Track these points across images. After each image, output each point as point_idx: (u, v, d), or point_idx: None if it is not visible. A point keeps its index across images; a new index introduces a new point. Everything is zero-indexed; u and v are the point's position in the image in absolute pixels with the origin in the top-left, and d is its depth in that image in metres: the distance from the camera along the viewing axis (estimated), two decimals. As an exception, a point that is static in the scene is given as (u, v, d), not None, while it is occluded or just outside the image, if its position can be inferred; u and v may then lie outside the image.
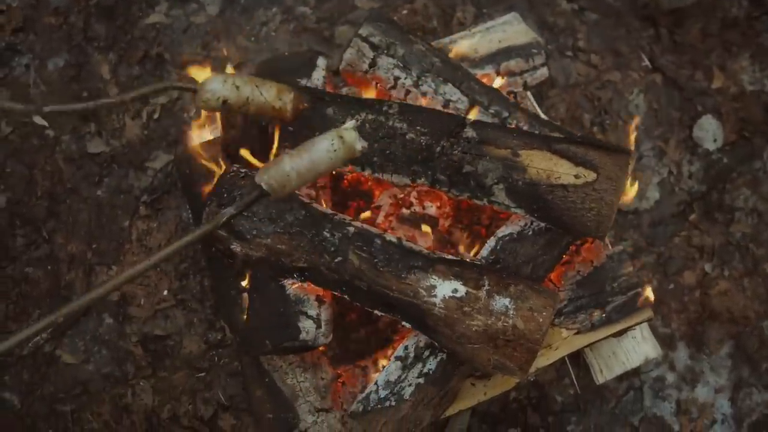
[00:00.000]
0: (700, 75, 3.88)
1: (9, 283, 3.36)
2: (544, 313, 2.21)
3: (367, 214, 2.86)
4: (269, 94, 2.27)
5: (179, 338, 3.29)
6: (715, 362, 3.41)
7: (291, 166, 1.93)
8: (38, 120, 2.49)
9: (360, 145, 1.99)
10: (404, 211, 2.82)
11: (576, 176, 2.30)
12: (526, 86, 3.17)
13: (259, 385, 2.73)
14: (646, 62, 3.89)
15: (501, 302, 2.22)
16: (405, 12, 3.85)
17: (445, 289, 2.26)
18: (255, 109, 2.26)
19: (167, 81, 2.34)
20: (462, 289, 2.25)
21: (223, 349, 3.31)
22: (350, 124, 1.99)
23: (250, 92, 2.23)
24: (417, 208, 2.81)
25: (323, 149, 1.95)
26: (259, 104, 2.26)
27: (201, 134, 3.11)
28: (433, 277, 2.29)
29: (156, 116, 3.62)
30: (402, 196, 2.84)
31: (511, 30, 3.24)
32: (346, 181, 3.00)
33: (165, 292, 3.36)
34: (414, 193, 2.83)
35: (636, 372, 3.34)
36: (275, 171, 1.92)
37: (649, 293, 2.82)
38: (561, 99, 3.74)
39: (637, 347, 3.01)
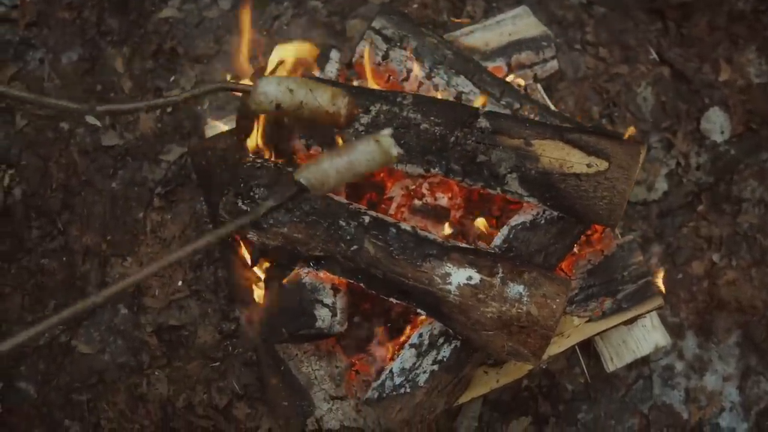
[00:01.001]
0: (707, 68, 3.90)
1: (25, 274, 3.40)
2: (558, 300, 2.23)
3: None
4: (323, 99, 2.20)
5: (194, 328, 3.32)
6: (723, 351, 3.43)
7: (331, 165, 1.96)
8: (91, 119, 2.51)
9: (396, 151, 2.02)
10: (416, 202, 2.84)
11: (588, 165, 2.32)
12: (536, 78, 3.20)
13: (274, 374, 2.75)
14: (654, 55, 3.91)
15: (515, 289, 2.25)
16: (415, 6, 3.89)
17: (459, 276, 2.29)
18: (308, 113, 2.22)
19: (221, 81, 2.31)
20: (476, 277, 2.28)
21: (237, 339, 3.34)
22: (387, 131, 2.01)
23: (304, 96, 2.18)
24: (429, 199, 2.83)
25: (362, 152, 1.98)
26: (313, 108, 2.21)
27: (215, 124, 3.15)
28: (448, 264, 2.31)
29: (169, 109, 3.66)
30: (414, 187, 2.86)
31: (521, 23, 3.27)
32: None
33: (179, 283, 3.39)
34: (426, 185, 2.85)
35: (645, 360, 3.35)
36: (315, 170, 1.95)
37: (659, 281, 2.84)
38: (570, 92, 3.77)
39: (647, 335, 3.03)
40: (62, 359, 3.30)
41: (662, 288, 2.83)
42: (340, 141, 2.53)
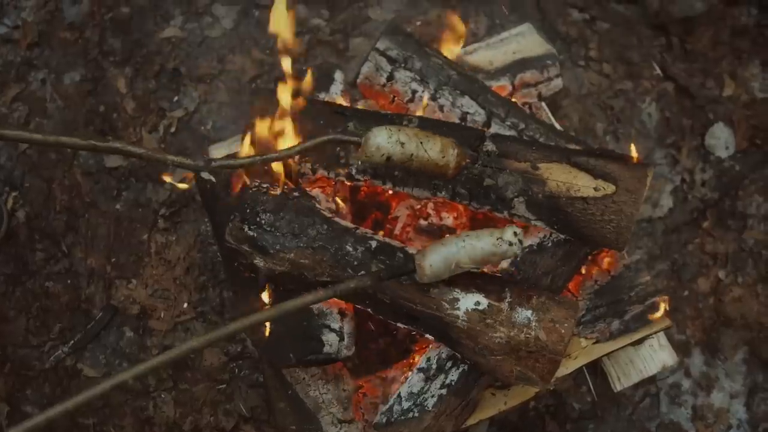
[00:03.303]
0: (711, 83, 3.90)
1: (29, 297, 3.41)
2: (566, 324, 2.23)
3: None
4: (433, 151, 2.19)
5: (199, 351, 3.31)
6: (729, 368, 3.44)
7: (450, 254, 2.03)
8: (206, 175, 2.53)
9: (517, 250, 2.07)
10: (421, 222, 2.85)
11: (595, 189, 2.32)
12: (540, 97, 3.20)
13: (282, 397, 2.75)
14: (658, 71, 3.92)
15: (523, 314, 2.25)
16: (419, 23, 3.89)
17: (467, 301, 2.28)
18: (417, 165, 2.21)
19: (332, 133, 2.30)
20: (484, 302, 2.28)
21: (243, 361, 3.34)
22: (511, 230, 2.07)
23: (414, 149, 2.17)
24: (434, 219, 2.84)
25: (485, 246, 2.04)
26: (423, 161, 2.20)
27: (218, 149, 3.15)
28: (456, 290, 2.31)
29: (173, 130, 3.67)
30: (419, 207, 2.87)
31: (525, 41, 3.27)
32: (363, 193, 3.02)
33: (185, 305, 3.40)
34: (431, 204, 2.86)
35: (652, 379, 3.36)
36: (437, 258, 2.07)
37: (663, 306, 2.85)
38: (574, 108, 3.77)
39: (654, 355, 3.03)
40: (68, 382, 3.31)
41: (665, 313, 2.85)
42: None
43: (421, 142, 2.19)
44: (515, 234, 2.10)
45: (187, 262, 3.46)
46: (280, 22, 2.47)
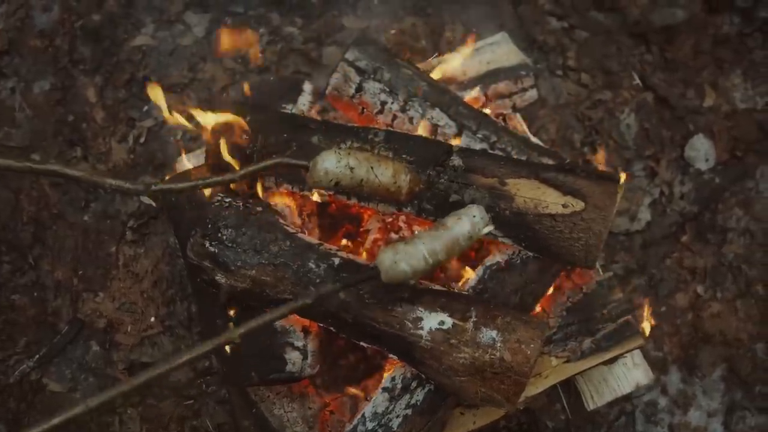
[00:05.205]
0: (691, 93, 3.87)
1: (-6, 310, 3.37)
2: (532, 345, 2.19)
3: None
4: (385, 177, 2.18)
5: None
6: (707, 385, 3.41)
7: (425, 248, 2.00)
8: (145, 200, 2.53)
9: (488, 229, 2.04)
10: (392, 235, 2.81)
11: (564, 205, 2.29)
12: (515, 108, 3.16)
13: (246, 416, 2.72)
14: (637, 81, 3.88)
15: (488, 334, 2.20)
16: (393, 32, 3.85)
17: (431, 321, 2.25)
18: (368, 190, 2.19)
19: (278, 157, 2.27)
20: (449, 321, 2.24)
21: (210, 377, 3.31)
22: (477, 208, 2.04)
23: (365, 174, 2.15)
24: (405, 233, 2.80)
25: (458, 233, 2.01)
26: (374, 187, 2.18)
27: (186, 161, 3.11)
28: (420, 308, 2.27)
29: (142, 140, 3.63)
30: (391, 220, 2.83)
31: (500, 51, 3.24)
32: (334, 206, 2.99)
33: (152, 319, 3.36)
34: (403, 217, 2.82)
35: (627, 396, 3.32)
36: (409, 253, 2.05)
37: (642, 319, 2.83)
38: (551, 119, 3.74)
39: (628, 374, 3.00)
40: (32, 397, 3.26)
41: (644, 328, 2.82)
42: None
43: (372, 167, 2.17)
44: (478, 209, 2.10)
45: (155, 275, 3.42)
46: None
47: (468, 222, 2.11)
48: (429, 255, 2.06)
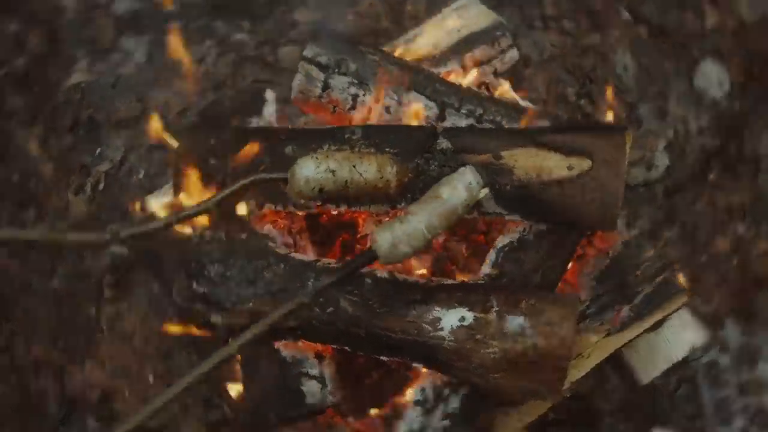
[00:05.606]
0: (690, 15, 3.89)
1: (-31, 410, 3.37)
2: (565, 325, 2.22)
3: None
4: (369, 173, 2.24)
5: (176, 427, 3.32)
6: (771, 332, 3.43)
7: (421, 221, 2.08)
8: (117, 249, 2.53)
9: (484, 192, 2.12)
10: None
11: (569, 168, 2.33)
12: (496, 73, 3.20)
13: (272, 464, 2.77)
14: (627, 15, 3.90)
15: (515, 322, 2.25)
16: (351, 18, 3.90)
17: (451, 319, 2.29)
18: (355, 191, 2.25)
19: (252, 175, 2.31)
20: (469, 316, 2.28)
21: (226, 427, 3.33)
22: (469, 168, 2.11)
23: (348, 174, 2.20)
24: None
25: (454, 199, 2.10)
26: (360, 186, 2.24)
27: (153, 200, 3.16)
28: (436, 308, 2.31)
29: (101, 186, 3.66)
30: (387, 219, 2.88)
31: (468, 14, 3.27)
32: (325, 217, 3.06)
33: (150, 378, 3.38)
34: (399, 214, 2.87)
35: (684, 362, 3.29)
36: (403, 229, 2.10)
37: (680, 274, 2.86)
38: (539, 77, 3.77)
39: (678, 337, 3.03)
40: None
41: (683, 282, 2.86)
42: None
43: (354, 165, 2.23)
44: (471, 173, 2.18)
45: (145, 330, 3.44)
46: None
47: (464, 189, 2.16)
48: (428, 231, 2.13)
